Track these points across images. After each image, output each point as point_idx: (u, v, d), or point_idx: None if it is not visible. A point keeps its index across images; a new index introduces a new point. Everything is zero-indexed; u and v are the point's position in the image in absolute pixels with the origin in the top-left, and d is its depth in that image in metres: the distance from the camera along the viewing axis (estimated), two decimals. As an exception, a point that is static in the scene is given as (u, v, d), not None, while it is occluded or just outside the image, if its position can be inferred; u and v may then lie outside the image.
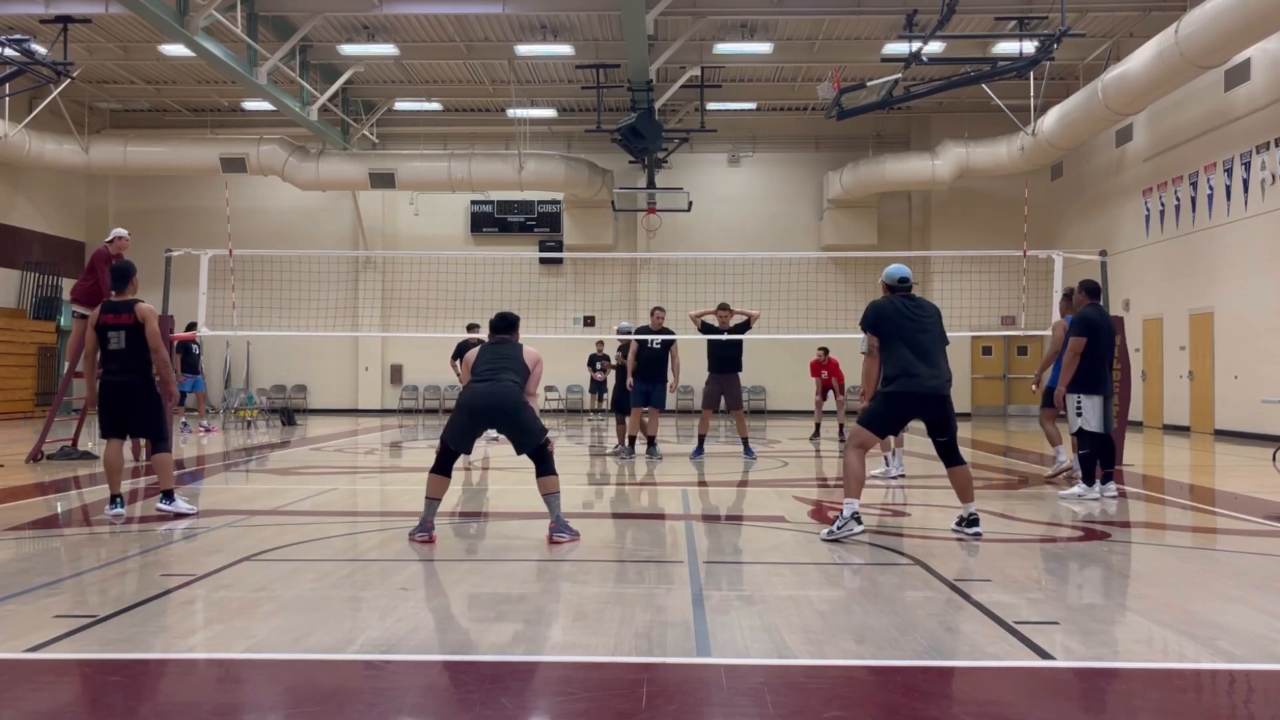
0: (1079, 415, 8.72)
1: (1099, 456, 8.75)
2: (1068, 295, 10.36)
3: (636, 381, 12.81)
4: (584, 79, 21.53)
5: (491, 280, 21.09)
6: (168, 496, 7.62)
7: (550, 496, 6.63)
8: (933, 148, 23.93)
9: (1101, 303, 12.87)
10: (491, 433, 16.15)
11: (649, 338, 12.84)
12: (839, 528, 6.56)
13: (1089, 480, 8.74)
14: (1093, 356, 8.71)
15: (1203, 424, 18.06)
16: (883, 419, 6.76)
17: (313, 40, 20.51)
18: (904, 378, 6.58)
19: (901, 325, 6.77)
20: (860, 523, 6.57)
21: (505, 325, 7.09)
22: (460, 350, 13.63)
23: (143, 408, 7.55)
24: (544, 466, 6.63)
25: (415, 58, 21.54)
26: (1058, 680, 3.81)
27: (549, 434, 6.79)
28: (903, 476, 10.57)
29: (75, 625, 4.39)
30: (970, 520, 6.81)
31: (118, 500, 7.51)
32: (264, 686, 3.81)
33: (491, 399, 6.56)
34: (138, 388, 7.52)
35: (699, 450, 12.83)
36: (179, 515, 7.55)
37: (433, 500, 6.60)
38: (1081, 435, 8.78)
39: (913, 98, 18.90)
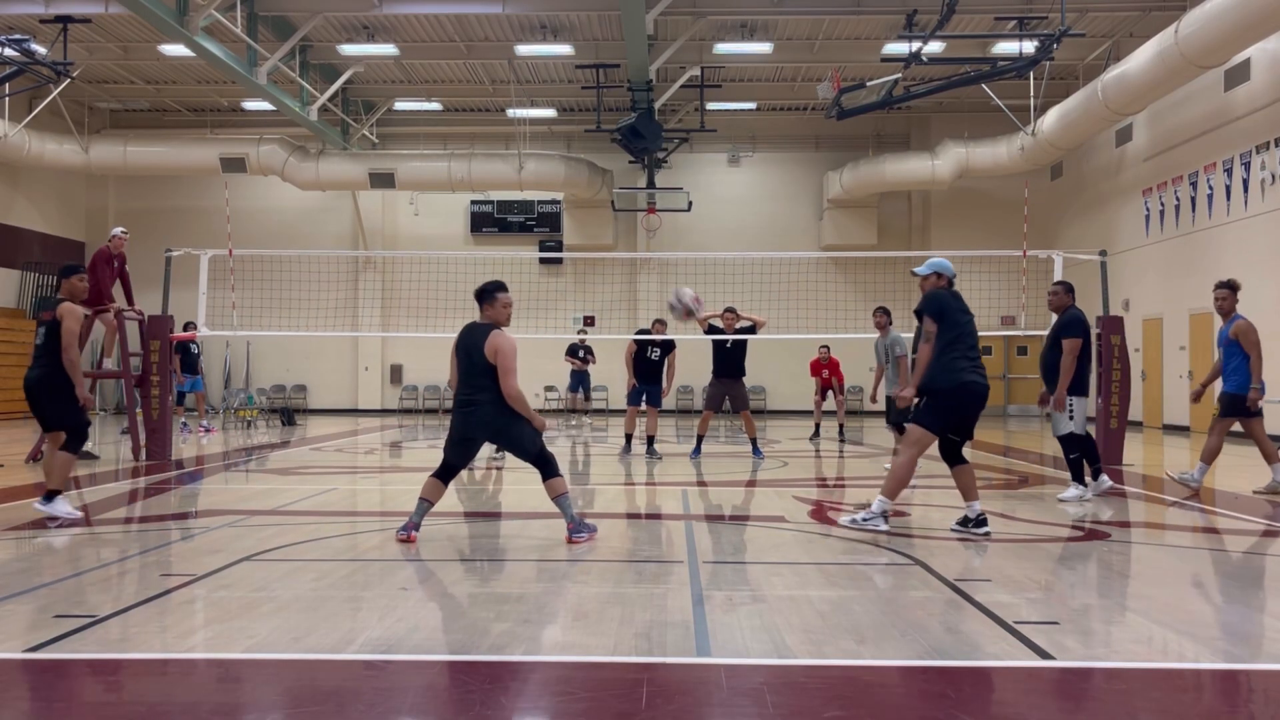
0: (1071, 418, 8.61)
1: (1086, 455, 8.73)
2: (1234, 287, 9.58)
3: (637, 383, 13.22)
4: (584, 79, 21.54)
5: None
6: (48, 497, 7.33)
7: (560, 499, 6.56)
8: (933, 148, 23.93)
9: (1104, 302, 12.95)
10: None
11: (649, 341, 13.14)
12: (864, 519, 6.55)
13: (1081, 480, 8.71)
14: (1084, 358, 8.63)
15: (1203, 424, 18.01)
16: (948, 417, 6.51)
17: (313, 40, 20.51)
18: (972, 372, 6.48)
19: (960, 319, 6.65)
20: (887, 523, 6.50)
21: (479, 295, 6.68)
22: (572, 350, 14.73)
23: (51, 401, 7.48)
24: (547, 470, 6.56)
25: (415, 58, 21.55)
26: (1058, 680, 3.81)
27: (547, 433, 6.74)
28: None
29: (75, 625, 4.39)
30: (979, 520, 6.72)
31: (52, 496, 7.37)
32: (264, 686, 3.81)
33: (470, 429, 6.49)
34: (44, 381, 7.47)
35: (697, 450, 12.86)
36: (56, 519, 7.20)
37: (424, 501, 6.59)
38: (1070, 438, 8.67)
39: (913, 98, 18.90)
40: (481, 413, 6.42)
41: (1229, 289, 9.55)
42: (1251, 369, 9.22)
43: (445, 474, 6.64)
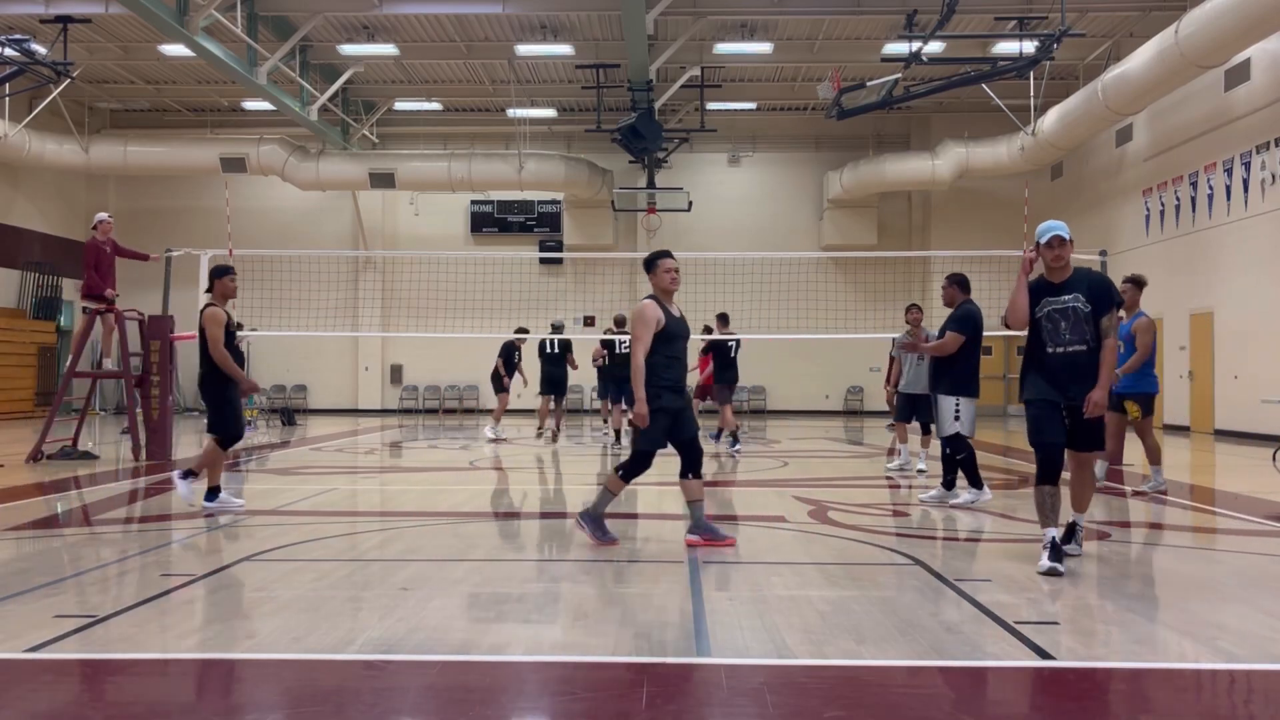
0: (956, 419, 8.26)
1: (965, 467, 8.41)
2: (1139, 283, 9.70)
3: (609, 381, 14.39)
4: (584, 79, 21.54)
5: (491, 280, 21.12)
6: (212, 494, 7.93)
7: (690, 504, 6.42)
8: (933, 148, 23.93)
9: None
10: (489, 433, 16.31)
11: (615, 338, 13.61)
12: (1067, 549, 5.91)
13: (978, 484, 8.44)
14: (973, 356, 8.34)
15: (1203, 424, 18.06)
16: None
17: (313, 40, 20.51)
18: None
19: None
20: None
21: (645, 265, 6.52)
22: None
23: (208, 403, 7.93)
24: (684, 466, 6.35)
25: (415, 58, 21.55)
26: (1058, 680, 3.81)
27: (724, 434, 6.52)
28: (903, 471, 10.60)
29: (75, 625, 4.39)
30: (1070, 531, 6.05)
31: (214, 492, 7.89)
32: (264, 686, 3.81)
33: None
34: (203, 385, 7.88)
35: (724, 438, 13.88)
36: (225, 511, 7.82)
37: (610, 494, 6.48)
38: (956, 439, 8.31)
39: (913, 98, 18.90)
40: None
41: (1133, 284, 9.66)
42: (1130, 363, 9.23)
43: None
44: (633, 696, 3.52)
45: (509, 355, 16.12)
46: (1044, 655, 4.02)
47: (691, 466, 6.37)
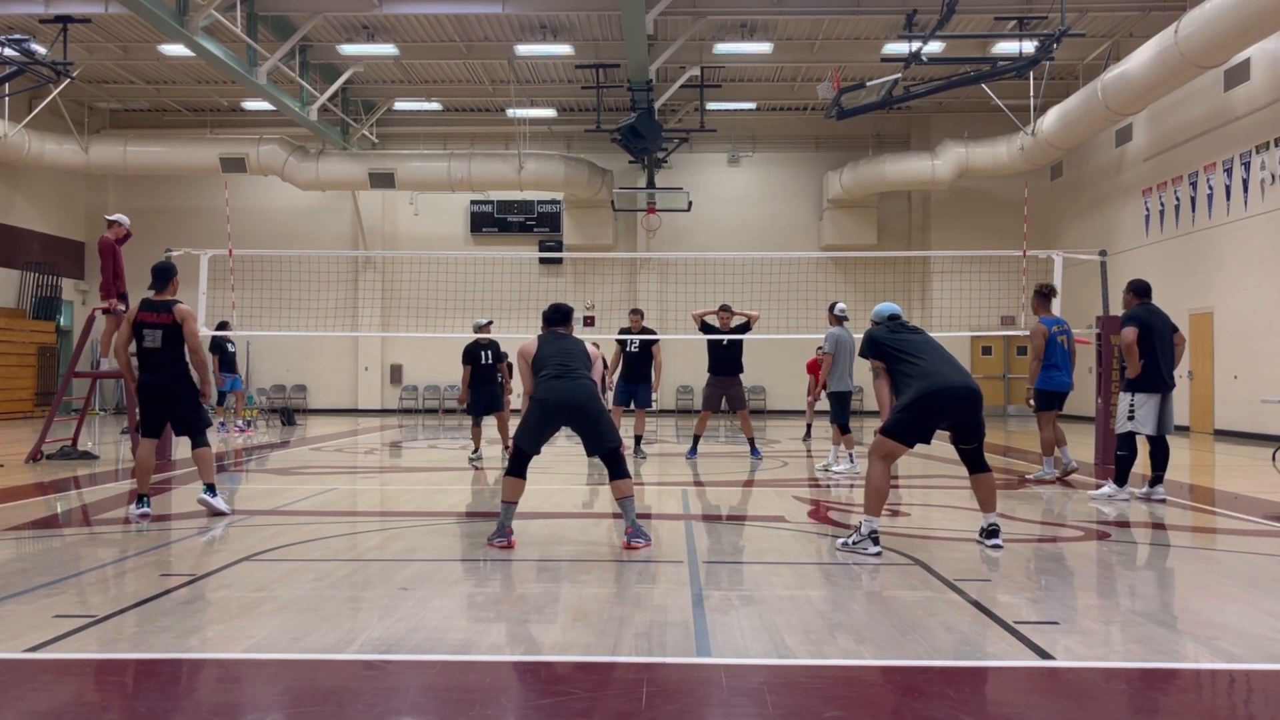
0: (1131, 417, 8.62)
1: (1119, 465, 8.79)
2: (1040, 293, 10.58)
3: (619, 382, 13.01)
4: (584, 79, 21.55)
5: (491, 280, 21.12)
6: (211, 489, 7.65)
7: (625, 500, 6.45)
8: (933, 148, 23.93)
9: (1104, 302, 12.97)
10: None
11: (629, 338, 12.92)
12: (854, 543, 6.16)
13: (1119, 481, 8.74)
14: (1149, 352, 8.77)
15: (1203, 424, 18.06)
16: (910, 426, 6.17)
17: (313, 40, 20.51)
18: (926, 379, 6.16)
19: (901, 342, 6.43)
20: (878, 544, 6.10)
21: (562, 317, 6.89)
22: (470, 353, 12.23)
23: (181, 406, 7.59)
24: (618, 469, 6.46)
25: (415, 58, 21.55)
26: (1058, 680, 3.81)
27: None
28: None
29: (75, 625, 4.39)
30: (990, 531, 6.40)
31: (144, 500, 7.48)
32: (264, 686, 3.81)
33: (571, 396, 6.38)
34: (175, 386, 7.55)
35: (693, 450, 12.84)
36: (216, 513, 7.57)
37: (509, 504, 6.48)
38: (1121, 437, 8.78)
39: (913, 98, 18.90)
40: (586, 384, 6.54)
41: (1038, 295, 10.62)
42: (1030, 370, 10.36)
43: (520, 468, 6.60)
44: (633, 696, 3.52)
45: (474, 359, 13.27)
46: (1044, 655, 4.02)
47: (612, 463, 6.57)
